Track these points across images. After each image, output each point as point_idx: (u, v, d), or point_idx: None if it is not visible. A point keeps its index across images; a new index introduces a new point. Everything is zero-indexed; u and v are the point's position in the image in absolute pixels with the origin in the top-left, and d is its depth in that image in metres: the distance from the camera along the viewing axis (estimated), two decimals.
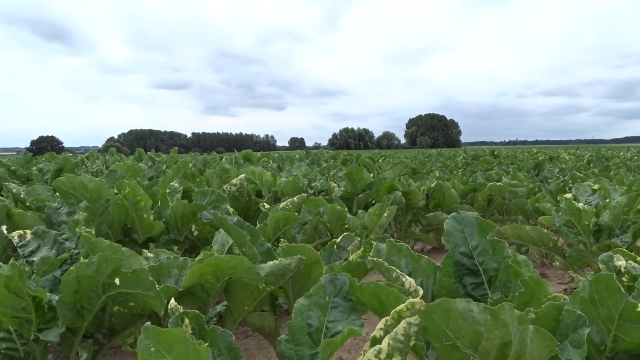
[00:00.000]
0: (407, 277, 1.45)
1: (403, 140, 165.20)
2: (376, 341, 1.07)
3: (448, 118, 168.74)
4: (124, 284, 1.50)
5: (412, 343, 0.99)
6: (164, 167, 7.08)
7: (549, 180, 5.34)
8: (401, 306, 1.06)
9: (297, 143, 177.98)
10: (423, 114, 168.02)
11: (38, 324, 1.59)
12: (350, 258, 2.02)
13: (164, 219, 2.82)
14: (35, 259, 2.00)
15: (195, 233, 3.07)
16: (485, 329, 0.93)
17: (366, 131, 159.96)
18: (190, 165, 4.23)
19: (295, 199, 3.30)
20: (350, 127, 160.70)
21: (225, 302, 1.91)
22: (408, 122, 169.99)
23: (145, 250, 2.06)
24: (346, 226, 3.26)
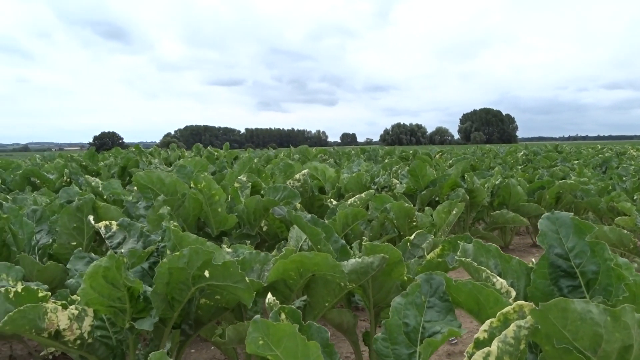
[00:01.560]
0: (498, 277, 1.42)
1: (456, 136, 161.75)
2: (480, 343, 1.05)
3: (504, 113, 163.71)
4: (213, 276, 1.54)
5: (522, 347, 0.97)
6: (225, 161, 7.24)
7: (624, 178, 5.09)
8: (508, 308, 1.03)
9: (348, 139, 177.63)
10: (477, 109, 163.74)
11: (132, 314, 1.65)
12: (429, 257, 1.99)
13: (236, 214, 2.87)
14: (122, 250, 2.08)
15: (265, 228, 3.13)
16: (606, 331, 0.89)
17: (419, 126, 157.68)
18: (255, 160, 4.30)
19: (362, 195, 3.29)
20: (402, 123, 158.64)
21: (303, 298, 1.93)
22: (462, 117, 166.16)
23: (224, 245, 2.11)
24: (414, 223, 3.22)
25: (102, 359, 1.64)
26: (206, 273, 1.55)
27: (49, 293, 1.51)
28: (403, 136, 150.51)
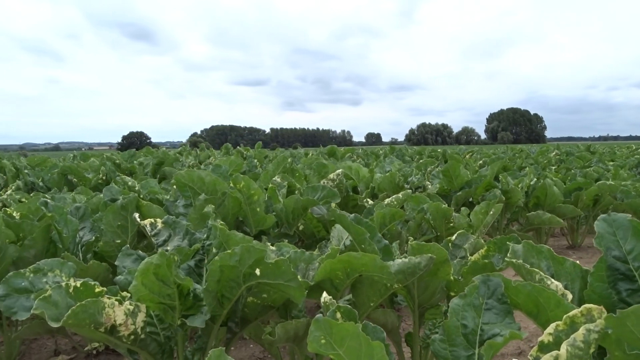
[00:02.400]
0: (552, 280, 1.40)
1: (483, 136, 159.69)
2: (544, 347, 1.03)
3: (532, 112, 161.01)
4: (264, 274, 1.55)
5: (591, 351, 0.95)
6: (256, 161, 7.29)
7: None
8: (575, 312, 1.01)
9: (373, 138, 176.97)
10: (505, 109, 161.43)
11: (181, 311, 1.68)
12: (474, 258, 1.97)
13: (274, 213, 2.89)
14: (168, 248, 2.11)
15: (301, 227, 3.13)
16: None
17: (445, 126, 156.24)
18: (289, 160, 4.32)
19: (400, 195, 3.27)
20: (427, 122, 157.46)
21: (347, 297, 1.93)
22: (489, 116, 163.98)
23: (268, 244, 2.13)
24: (451, 224, 3.19)
25: (152, 354, 1.67)
26: (257, 271, 1.56)
27: (105, 289, 1.54)
28: (429, 136, 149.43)
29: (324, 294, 1.38)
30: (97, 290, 1.52)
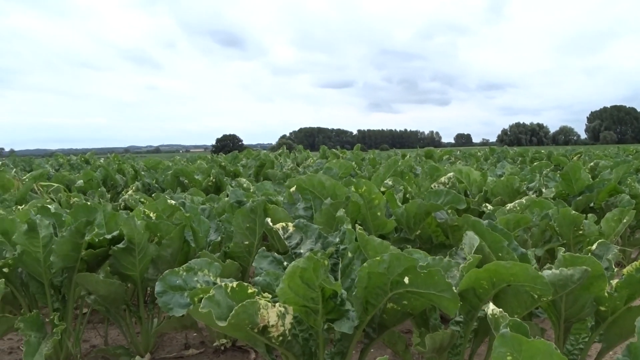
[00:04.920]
0: None
1: (583, 136, 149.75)
2: None
3: (638, 110, 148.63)
4: (414, 283, 1.53)
5: None
6: (354, 163, 7.31)
7: None
8: None
9: (463, 139, 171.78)
10: (608, 106, 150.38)
11: (323, 314, 1.70)
12: (626, 271, 1.83)
13: (394, 217, 2.87)
14: (301, 251, 2.16)
15: (418, 232, 3.09)
16: None
17: (540, 126, 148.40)
18: (399, 163, 4.28)
19: (523, 200, 3.13)
20: (521, 122, 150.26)
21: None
22: (589, 115, 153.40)
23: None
24: (580, 232, 3.01)
25: (296, 355, 1.71)
26: (406, 279, 1.55)
27: (256, 290, 1.60)
28: (522, 136, 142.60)
29: (491, 306, 1.33)
30: (249, 291, 1.57)
